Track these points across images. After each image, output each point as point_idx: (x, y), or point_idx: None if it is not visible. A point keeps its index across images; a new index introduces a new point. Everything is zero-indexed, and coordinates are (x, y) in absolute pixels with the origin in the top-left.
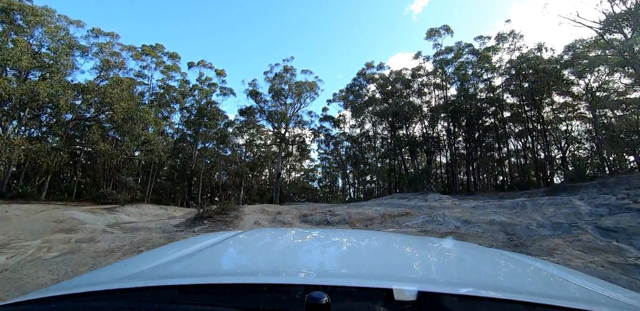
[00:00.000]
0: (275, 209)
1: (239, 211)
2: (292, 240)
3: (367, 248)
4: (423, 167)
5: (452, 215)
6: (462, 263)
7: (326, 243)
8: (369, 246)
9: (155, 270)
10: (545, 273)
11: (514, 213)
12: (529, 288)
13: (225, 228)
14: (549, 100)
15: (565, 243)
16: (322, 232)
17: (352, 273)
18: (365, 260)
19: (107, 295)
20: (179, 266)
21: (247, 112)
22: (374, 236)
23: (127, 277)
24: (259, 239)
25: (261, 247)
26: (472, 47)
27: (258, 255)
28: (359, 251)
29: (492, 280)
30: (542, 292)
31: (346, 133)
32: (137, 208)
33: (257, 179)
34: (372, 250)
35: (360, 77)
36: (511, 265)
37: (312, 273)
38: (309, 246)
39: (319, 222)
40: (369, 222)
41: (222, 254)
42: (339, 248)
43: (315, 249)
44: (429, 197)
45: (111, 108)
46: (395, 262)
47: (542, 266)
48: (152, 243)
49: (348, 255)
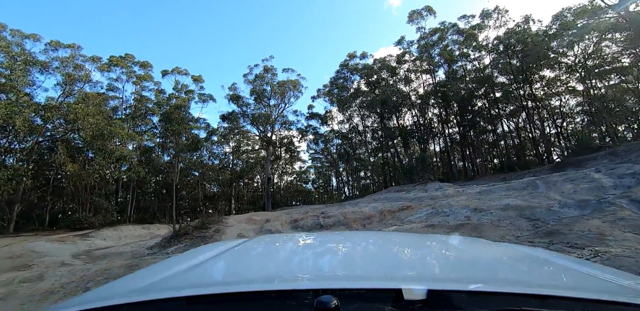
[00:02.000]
0: (263, 217)
1: (221, 223)
2: (298, 244)
3: (373, 249)
4: (418, 156)
5: (459, 203)
6: (470, 259)
7: (332, 246)
8: (376, 246)
9: (164, 281)
10: (555, 265)
11: (528, 194)
12: (539, 280)
13: (204, 245)
14: (538, 75)
15: (607, 225)
16: (327, 235)
17: (360, 275)
18: (373, 261)
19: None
20: (187, 277)
21: (230, 118)
22: (379, 237)
23: (137, 290)
24: (265, 245)
25: (268, 254)
26: (457, 27)
27: (265, 262)
28: (366, 252)
29: (501, 274)
30: (552, 284)
31: (335, 130)
32: (115, 230)
33: (248, 187)
34: (379, 251)
35: (344, 68)
36: (520, 258)
37: (319, 277)
38: (315, 250)
39: (310, 227)
40: (367, 221)
41: (229, 263)
42: (346, 251)
43: (322, 253)
44: (428, 187)
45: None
46: (402, 261)
47: (552, 259)
48: (107, 275)
49: (355, 257)
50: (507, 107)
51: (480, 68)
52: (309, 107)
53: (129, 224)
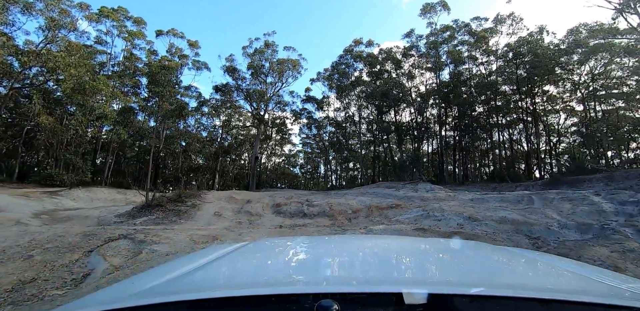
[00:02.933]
0: (245, 197)
1: (199, 199)
2: (298, 248)
3: (374, 253)
4: (411, 154)
5: (451, 209)
6: (471, 263)
7: (332, 250)
8: (376, 250)
9: (162, 286)
10: (556, 269)
11: (524, 209)
12: (541, 284)
13: (177, 219)
14: (541, 90)
15: (617, 256)
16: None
17: (360, 279)
18: (373, 265)
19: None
20: (188, 281)
21: (223, 90)
22: (380, 241)
23: (136, 294)
24: (265, 249)
25: (268, 257)
26: (470, 28)
27: (265, 266)
28: (367, 256)
29: (502, 278)
30: (554, 288)
31: (330, 117)
32: (88, 192)
33: (235, 163)
34: (380, 255)
35: (348, 54)
36: (521, 262)
37: (320, 281)
38: (316, 254)
39: (293, 214)
40: (353, 215)
41: (229, 266)
42: (346, 255)
43: (322, 256)
44: (419, 187)
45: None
46: (403, 265)
47: (553, 262)
48: (59, 243)
49: (355, 261)
50: (505, 117)
51: (486, 74)
52: (306, 89)
53: (104, 187)
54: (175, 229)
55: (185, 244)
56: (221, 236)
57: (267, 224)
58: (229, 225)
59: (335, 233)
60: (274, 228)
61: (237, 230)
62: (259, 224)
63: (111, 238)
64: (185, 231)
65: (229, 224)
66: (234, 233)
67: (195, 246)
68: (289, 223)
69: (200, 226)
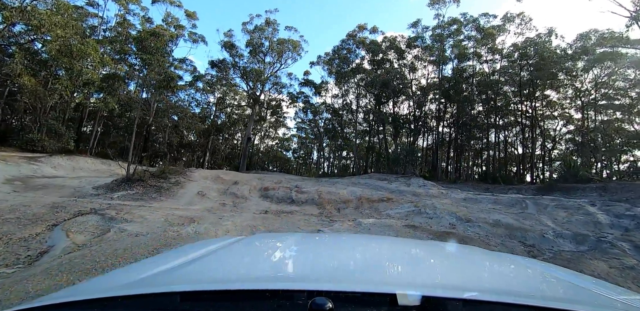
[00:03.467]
0: (233, 177)
1: (184, 176)
2: (295, 244)
3: (370, 253)
4: (407, 147)
5: (444, 207)
6: (466, 267)
7: (329, 248)
8: (373, 250)
9: (157, 277)
10: (550, 277)
11: (518, 213)
12: (535, 291)
13: (157, 196)
14: (542, 94)
15: (616, 273)
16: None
17: (355, 278)
18: (369, 265)
19: (109, 302)
20: (181, 273)
21: (219, 66)
22: (377, 241)
23: (129, 284)
24: (261, 244)
25: (264, 252)
26: (478, 23)
27: (261, 261)
28: (363, 256)
29: (496, 284)
30: (546, 295)
31: (327, 104)
32: (71, 160)
33: (227, 142)
34: (376, 255)
35: (350, 39)
36: (516, 269)
37: (314, 278)
38: (312, 251)
39: (281, 199)
40: (342, 206)
41: (224, 260)
42: (343, 253)
43: (318, 254)
44: (411, 182)
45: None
46: (399, 267)
47: (546, 270)
48: (21, 214)
49: (352, 260)
50: (503, 119)
51: (489, 73)
52: (305, 73)
53: (89, 156)
54: (152, 207)
55: (158, 225)
56: (199, 219)
57: (252, 208)
58: (211, 207)
59: (322, 223)
60: (259, 213)
61: (219, 212)
62: (243, 207)
63: (81, 212)
64: (163, 210)
65: (212, 205)
66: (215, 216)
67: (169, 229)
68: (275, 209)
69: (180, 205)
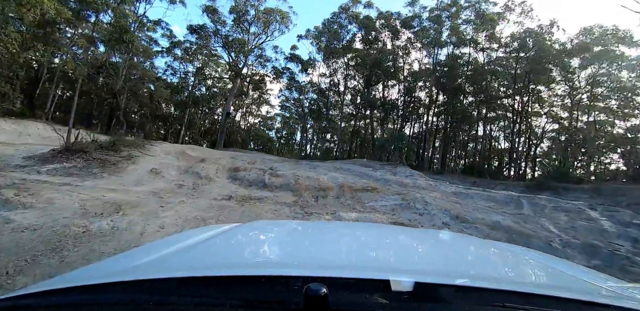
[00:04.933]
0: (200, 154)
1: (143, 150)
2: (290, 232)
3: (365, 240)
4: (395, 134)
5: (435, 203)
6: (459, 255)
7: (325, 235)
8: (367, 238)
9: (154, 263)
10: (541, 265)
11: (516, 214)
12: (525, 279)
13: (98, 172)
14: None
15: None
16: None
17: (350, 265)
18: (364, 252)
19: (107, 288)
20: (178, 259)
21: (199, 32)
22: (372, 229)
23: (126, 270)
24: (258, 231)
25: (260, 239)
26: (479, 6)
27: (257, 248)
28: (358, 243)
29: (488, 271)
30: (537, 283)
31: (314, 83)
32: (17, 124)
33: (208, 117)
34: (370, 242)
35: (343, 13)
36: (508, 257)
37: (310, 265)
38: (308, 238)
39: (251, 182)
40: (322, 194)
41: (221, 247)
42: (338, 241)
43: (314, 241)
44: (398, 170)
45: None
46: (393, 254)
47: (539, 258)
48: None
49: (347, 247)
50: (492, 111)
51: (483, 62)
52: (292, 47)
53: (42, 121)
54: (80, 187)
55: (66, 214)
56: (132, 207)
57: (215, 192)
58: (162, 188)
59: (295, 216)
60: (220, 199)
61: (168, 197)
62: (203, 191)
63: None
64: (91, 191)
65: (164, 186)
66: (157, 203)
67: (75, 222)
68: (242, 194)
69: (122, 185)
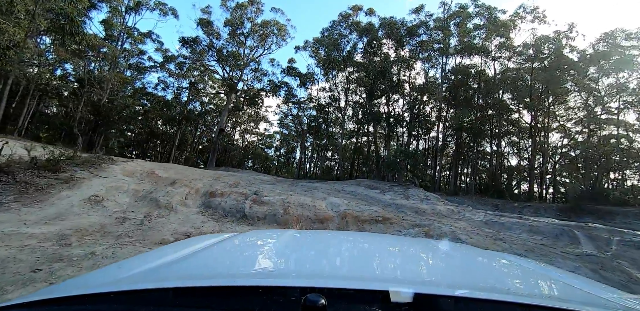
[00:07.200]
0: (173, 175)
1: (97, 169)
2: (289, 241)
3: (364, 251)
4: (406, 150)
5: (470, 239)
6: (458, 265)
7: (323, 245)
8: (367, 248)
9: (150, 272)
10: (540, 275)
11: (584, 256)
12: (525, 289)
13: (12, 201)
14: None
15: None
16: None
17: (348, 276)
18: (363, 262)
19: (101, 298)
20: (174, 269)
21: (192, 44)
22: (371, 239)
23: (122, 280)
24: (255, 241)
25: (258, 249)
26: (491, 11)
27: (254, 257)
28: (357, 253)
29: (487, 282)
30: (537, 293)
31: (313, 97)
32: None
33: (204, 135)
34: (370, 253)
35: (343, 21)
36: (507, 267)
37: (308, 275)
38: (306, 248)
39: (227, 212)
40: (318, 226)
41: (218, 256)
42: (337, 251)
43: (313, 251)
44: (410, 193)
45: None
46: (392, 264)
47: (538, 269)
48: None
49: (345, 257)
50: (507, 127)
51: (496, 73)
52: (290, 60)
53: (13, 137)
54: None
55: None
56: None
57: (169, 229)
58: (88, 226)
59: None
60: (172, 241)
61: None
62: (152, 228)
63: None
64: None
65: (94, 222)
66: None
67: None
68: (209, 232)
69: (22, 222)
